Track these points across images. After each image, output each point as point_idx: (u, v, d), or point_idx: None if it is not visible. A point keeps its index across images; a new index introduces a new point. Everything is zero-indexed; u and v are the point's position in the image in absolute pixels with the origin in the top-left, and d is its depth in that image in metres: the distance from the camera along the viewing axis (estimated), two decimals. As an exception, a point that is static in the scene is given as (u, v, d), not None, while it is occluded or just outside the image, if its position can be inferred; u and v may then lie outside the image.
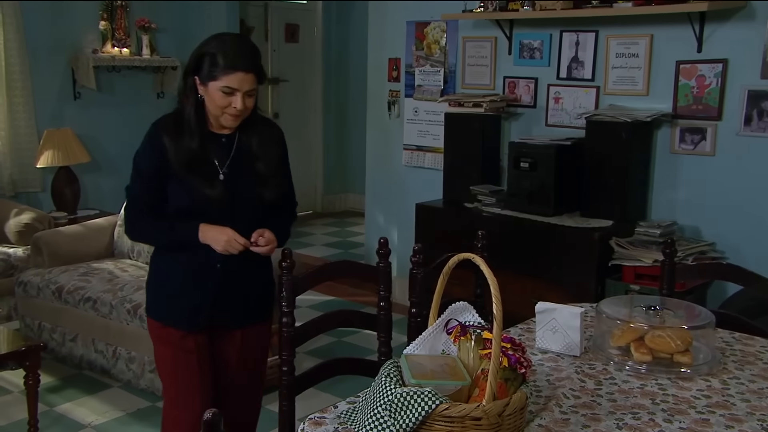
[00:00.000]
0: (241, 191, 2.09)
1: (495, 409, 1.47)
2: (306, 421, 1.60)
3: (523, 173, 3.83)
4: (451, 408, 1.46)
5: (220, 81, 2.01)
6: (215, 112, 2.06)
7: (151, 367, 3.32)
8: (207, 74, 2.02)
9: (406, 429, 1.47)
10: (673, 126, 3.66)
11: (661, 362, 1.89)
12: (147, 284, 2.25)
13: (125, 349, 3.43)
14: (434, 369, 1.59)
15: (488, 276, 1.53)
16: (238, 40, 2.10)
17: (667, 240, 2.46)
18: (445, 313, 1.76)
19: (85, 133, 5.10)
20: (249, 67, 2.02)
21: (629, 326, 1.96)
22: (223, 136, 2.12)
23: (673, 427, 1.59)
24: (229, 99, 2.02)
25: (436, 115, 4.62)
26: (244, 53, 2.03)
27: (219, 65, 2.00)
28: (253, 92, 2.05)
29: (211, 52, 2.02)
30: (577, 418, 1.62)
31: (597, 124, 3.67)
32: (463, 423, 1.47)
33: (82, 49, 5.09)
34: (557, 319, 1.99)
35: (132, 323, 3.37)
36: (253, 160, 2.11)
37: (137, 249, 4.04)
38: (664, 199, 3.74)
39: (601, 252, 3.48)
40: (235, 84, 2.00)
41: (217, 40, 2.06)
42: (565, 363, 1.94)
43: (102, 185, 5.32)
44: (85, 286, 3.62)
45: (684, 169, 3.66)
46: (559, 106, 4.09)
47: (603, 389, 1.78)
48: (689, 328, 1.92)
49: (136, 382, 3.40)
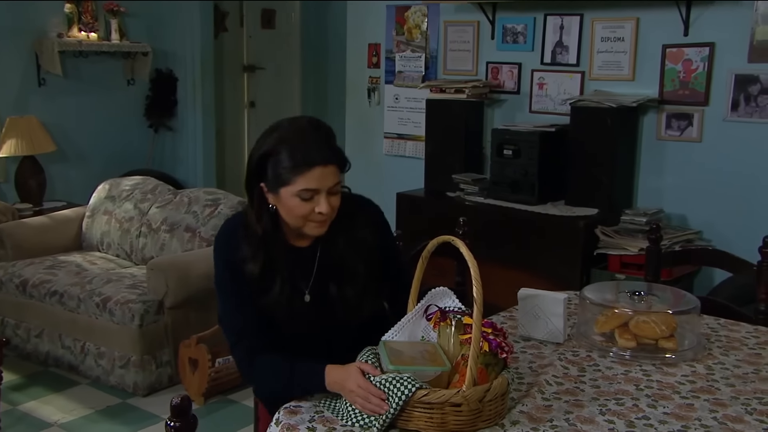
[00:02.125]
0: (332, 314, 1.75)
1: (475, 394, 1.48)
2: (281, 411, 1.59)
3: (506, 161, 3.84)
4: (431, 394, 1.47)
5: (294, 185, 1.64)
6: (295, 223, 1.70)
7: (122, 363, 3.30)
8: (275, 179, 1.66)
9: (387, 417, 1.47)
10: (660, 111, 3.69)
11: (646, 348, 1.90)
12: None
13: (94, 345, 3.40)
14: (413, 355, 1.59)
15: (468, 258, 1.53)
16: (305, 126, 1.69)
17: (652, 225, 2.47)
18: (424, 299, 1.76)
19: (50, 121, 5.03)
20: (327, 158, 1.64)
21: (613, 312, 1.97)
22: (304, 249, 1.77)
23: (657, 413, 1.60)
24: (309, 205, 1.65)
25: (417, 102, 4.62)
26: (316, 141, 1.65)
27: (288, 165, 1.63)
28: (337, 188, 1.68)
29: (275, 149, 1.65)
30: (559, 404, 1.63)
31: (582, 110, 3.69)
32: (443, 409, 1.47)
33: (46, 33, 5.02)
34: (540, 306, 2.00)
35: (101, 317, 3.34)
36: (339, 276, 1.77)
37: (106, 241, 4.01)
38: (650, 186, 3.77)
39: (586, 241, 3.51)
40: (313, 184, 1.63)
41: (278, 131, 1.68)
42: (548, 350, 1.95)
43: (69, 176, 5.25)
44: (51, 279, 3.58)
45: (670, 155, 3.69)
46: (543, 92, 4.11)
47: (586, 376, 1.79)
48: (674, 313, 1.94)
49: (105, 379, 3.37)
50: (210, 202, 3.75)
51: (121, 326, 3.28)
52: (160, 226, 3.79)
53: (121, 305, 3.27)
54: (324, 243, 1.78)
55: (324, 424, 1.52)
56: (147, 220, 3.86)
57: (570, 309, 2.18)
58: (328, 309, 1.77)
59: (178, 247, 3.68)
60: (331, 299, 1.77)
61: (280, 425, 1.55)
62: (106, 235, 4.01)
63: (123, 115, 5.53)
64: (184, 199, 3.85)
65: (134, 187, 4.09)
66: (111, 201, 4.08)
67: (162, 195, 3.98)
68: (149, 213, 3.89)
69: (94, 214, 4.11)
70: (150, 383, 3.31)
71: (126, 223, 3.93)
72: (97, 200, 4.15)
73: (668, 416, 1.59)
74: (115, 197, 4.08)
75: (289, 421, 1.54)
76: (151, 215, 3.87)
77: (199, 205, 3.75)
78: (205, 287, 3.36)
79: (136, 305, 3.25)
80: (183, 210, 3.78)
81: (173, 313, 3.33)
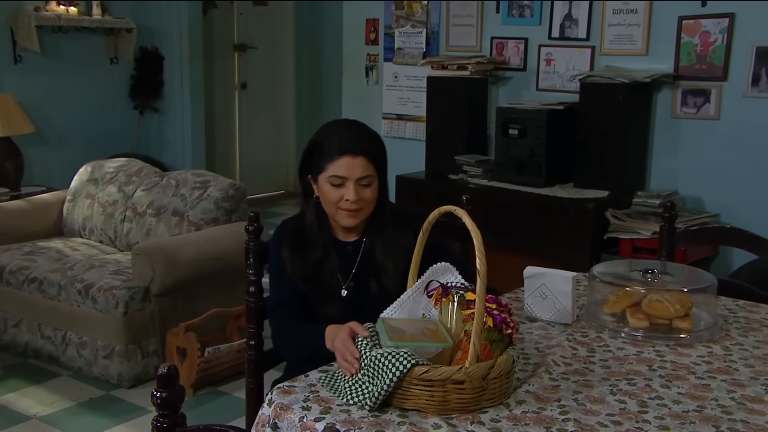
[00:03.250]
0: (365, 312, 1.83)
1: (479, 371, 1.47)
2: (274, 390, 1.59)
3: (511, 141, 3.84)
4: (431, 371, 1.46)
5: (326, 171, 1.88)
6: (330, 210, 1.93)
7: (106, 353, 3.29)
8: (316, 168, 1.91)
9: (380, 393, 1.46)
10: (675, 88, 3.68)
11: (659, 328, 1.90)
12: None
13: (76, 334, 3.39)
14: (413, 332, 1.58)
15: (471, 228, 1.52)
16: (349, 123, 1.98)
17: (666, 203, 2.47)
18: (425, 275, 1.76)
19: (28, 101, 5.02)
20: (358, 150, 1.87)
21: (625, 291, 1.97)
22: (349, 243, 1.98)
23: (671, 393, 1.60)
24: (340, 191, 1.88)
25: (417, 80, 4.61)
26: (352, 135, 1.90)
27: (324, 153, 1.89)
28: (369, 181, 1.89)
29: (318, 141, 1.92)
30: (568, 384, 1.63)
31: (592, 87, 3.68)
32: (445, 387, 1.47)
33: (22, 7, 4.99)
34: (547, 285, 2.00)
35: (83, 305, 3.34)
36: (378, 274, 1.94)
37: (89, 226, 4.00)
38: (664, 167, 3.77)
39: (595, 225, 3.51)
40: (342, 171, 1.86)
41: (324, 127, 1.96)
42: (556, 331, 1.94)
43: (49, 160, 5.24)
44: (29, 265, 3.57)
45: (686, 134, 3.69)
46: (550, 69, 4.10)
47: (596, 356, 1.79)
48: (689, 291, 1.94)
49: (88, 370, 3.37)
50: (199, 184, 3.74)
51: (105, 314, 3.27)
52: (146, 210, 3.78)
53: (105, 292, 3.26)
54: (369, 240, 1.97)
55: (319, 403, 1.52)
56: (132, 204, 3.85)
57: (579, 290, 2.18)
58: (362, 306, 1.89)
59: (165, 231, 3.67)
60: (366, 296, 1.92)
61: (273, 405, 1.54)
62: (88, 219, 4.00)
63: (106, 95, 5.52)
64: (172, 181, 3.84)
65: (118, 169, 4.08)
66: (93, 184, 4.07)
67: (148, 177, 3.96)
68: (134, 196, 3.88)
69: (76, 197, 4.10)
70: (135, 374, 3.30)
71: (110, 207, 3.93)
72: (79, 183, 4.14)
73: (683, 396, 1.58)
74: (98, 180, 4.07)
75: (283, 401, 1.54)
76: (136, 198, 3.86)
77: (187, 188, 3.75)
78: (194, 273, 3.37)
79: (121, 292, 3.25)
80: (170, 193, 3.77)
81: (160, 300, 3.33)
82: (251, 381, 2.10)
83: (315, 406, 1.51)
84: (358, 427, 1.42)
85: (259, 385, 2.10)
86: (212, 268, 3.41)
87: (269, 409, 1.55)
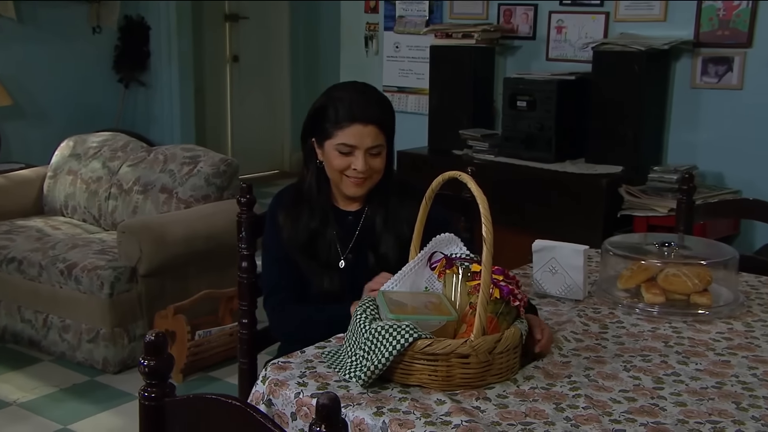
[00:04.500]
0: (362, 284, 1.86)
1: (485, 345, 1.48)
2: (268, 366, 1.59)
3: (519, 114, 3.83)
4: (434, 344, 1.47)
5: (334, 138, 1.89)
6: (334, 178, 1.94)
7: (90, 337, 3.31)
8: (322, 132, 1.92)
9: (377, 367, 1.46)
10: (695, 56, 3.67)
11: (676, 304, 1.90)
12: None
13: (58, 317, 3.40)
14: (415, 305, 1.59)
15: (476, 193, 1.53)
16: (359, 87, 1.96)
17: (684, 175, 2.47)
18: (428, 246, 1.76)
19: (4, 72, 5.00)
20: (369, 118, 1.88)
21: (640, 265, 1.97)
22: (349, 213, 2.01)
23: (688, 369, 1.61)
24: (347, 159, 1.89)
25: (420, 50, 4.60)
26: (363, 102, 1.90)
27: (332, 119, 1.90)
28: (378, 150, 1.91)
29: (325, 105, 1.92)
30: (579, 360, 1.64)
31: (606, 56, 3.67)
32: (449, 361, 1.47)
33: (-2, -28, 4.98)
34: (557, 259, 2.00)
35: (66, 286, 3.34)
36: (377, 246, 1.96)
37: (71, 204, 4.00)
38: (682, 140, 3.76)
39: (609, 202, 3.51)
40: (352, 139, 1.88)
41: (331, 90, 1.96)
42: (566, 307, 1.95)
43: (28, 135, 5.24)
44: (8, 245, 3.58)
45: (706, 105, 3.68)
46: (562, 37, 4.09)
47: (609, 332, 1.80)
48: (708, 264, 1.94)
49: (71, 355, 3.38)
50: (188, 159, 3.74)
51: (89, 296, 3.28)
52: (133, 187, 3.78)
53: (89, 272, 3.27)
54: (371, 210, 1.99)
55: (316, 379, 1.53)
56: (117, 180, 3.86)
57: (590, 267, 2.18)
58: (361, 279, 1.87)
59: (152, 209, 3.68)
60: (365, 269, 1.92)
61: (267, 382, 1.55)
62: (70, 197, 4.00)
63: (88, 67, 5.51)
64: (160, 156, 3.84)
65: (102, 144, 4.08)
66: (76, 159, 4.07)
67: (134, 152, 3.96)
68: (120, 172, 3.88)
69: (57, 174, 4.10)
70: (122, 359, 3.31)
71: (93, 184, 3.93)
72: (61, 159, 4.14)
73: (701, 372, 1.59)
74: (80, 155, 4.07)
75: (278, 377, 1.54)
76: (122, 175, 3.86)
77: (176, 163, 3.75)
78: (184, 252, 3.38)
79: (106, 272, 3.25)
80: (158, 169, 3.77)
81: (147, 281, 3.33)
82: (244, 362, 2.12)
83: (312, 382, 1.52)
84: (357, 403, 1.43)
85: (252, 366, 2.12)
86: (203, 248, 3.41)
87: (263, 386, 1.56)
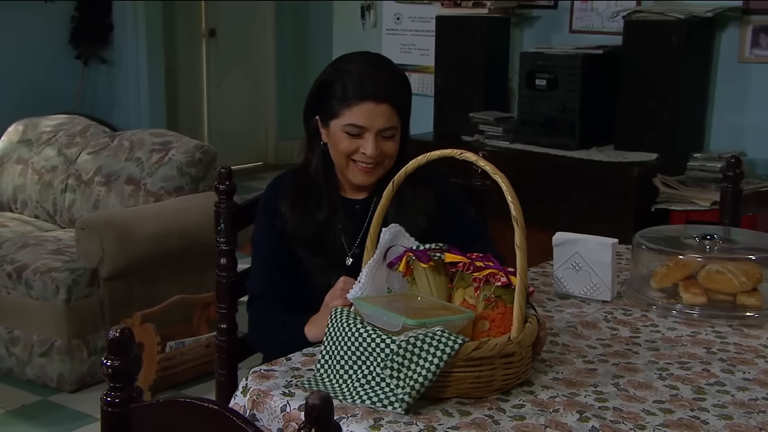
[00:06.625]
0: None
1: (527, 338, 1.50)
2: (250, 375, 1.58)
3: (539, 94, 3.85)
4: (482, 347, 1.45)
5: (342, 118, 1.86)
6: (340, 163, 1.92)
7: (42, 350, 3.30)
8: (327, 110, 1.89)
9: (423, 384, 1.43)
10: (744, 24, 3.68)
11: (719, 305, 1.90)
12: None
13: (5, 328, 3.40)
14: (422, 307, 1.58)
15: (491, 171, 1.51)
16: (371, 59, 1.94)
17: (730, 160, 2.47)
18: (380, 242, 1.71)
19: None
20: (382, 95, 1.85)
21: (678, 260, 1.97)
22: (356, 202, 1.99)
23: (734, 378, 1.60)
24: (355, 142, 1.87)
25: (424, 22, 4.61)
26: (375, 76, 1.87)
27: (339, 96, 1.86)
28: (392, 133, 1.88)
29: (331, 79, 1.89)
30: (606, 368, 1.63)
31: (639, 26, 3.69)
32: (492, 363, 1.47)
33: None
34: (581, 254, 2.00)
35: (14, 291, 3.34)
36: None
37: (21, 198, 4.01)
38: (728, 123, 3.78)
39: (641, 194, 3.53)
40: (362, 120, 1.85)
41: (339, 62, 1.93)
42: (592, 309, 1.94)
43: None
44: (-51, 244, 3.58)
45: (757, 82, 3.70)
46: (587, 6, 4.10)
47: (641, 337, 1.79)
48: (758, 260, 1.93)
49: (20, 372, 3.38)
50: (158, 146, 3.75)
51: (42, 302, 3.28)
52: (93, 178, 3.79)
53: (42, 275, 3.27)
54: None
55: (304, 389, 1.52)
56: (75, 170, 3.86)
57: (620, 265, 2.18)
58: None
59: (117, 203, 3.69)
60: None
61: (248, 393, 1.54)
62: (20, 190, 4.01)
63: (39, 41, 5.50)
64: (125, 143, 3.84)
65: (57, 128, 4.09)
66: (26, 146, 4.08)
67: (95, 138, 3.97)
68: (78, 161, 3.88)
69: (4, 163, 4.11)
70: (80, 375, 3.31)
71: (47, 175, 3.93)
72: (8, 145, 4.15)
73: (750, 383, 1.58)
74: (32, 141, 4.08)
75: (260, 387, 1.53)
76: (80, 164, 3.87)
77: (144, 151, 3.75)
78: (153, 252, 3.38)
79: (62, 275, 3.25)
80: (123, 157, 3.78)
81: (111, 285, 3.34)
82: (222, 373, 2.11)
83: (299, 392, 1.51)
84: (351, 414, 1.42)
85: (232, 379, 2.11)
86: (175, 247, 3.41)
87: (244, 399, 1.54)
